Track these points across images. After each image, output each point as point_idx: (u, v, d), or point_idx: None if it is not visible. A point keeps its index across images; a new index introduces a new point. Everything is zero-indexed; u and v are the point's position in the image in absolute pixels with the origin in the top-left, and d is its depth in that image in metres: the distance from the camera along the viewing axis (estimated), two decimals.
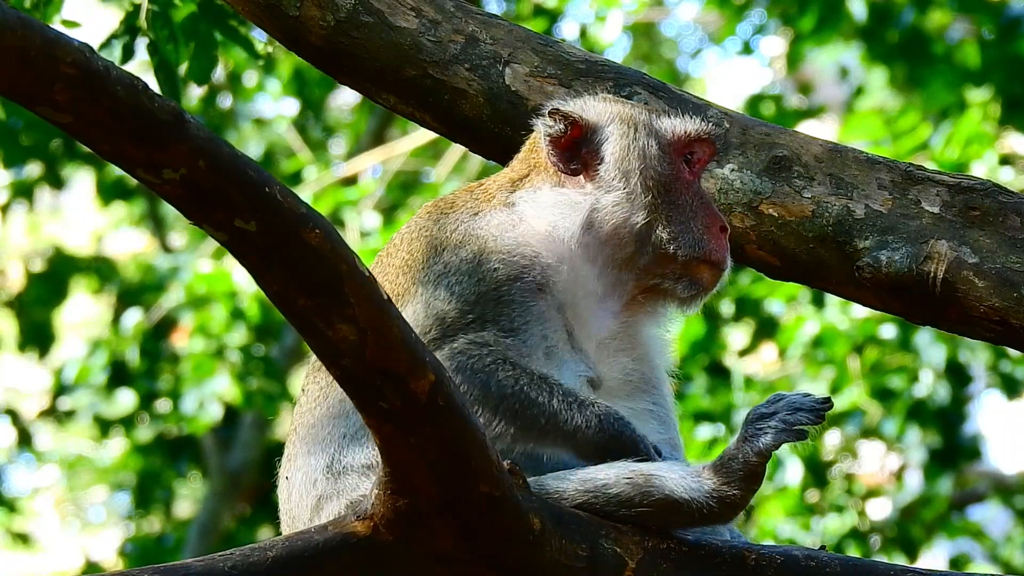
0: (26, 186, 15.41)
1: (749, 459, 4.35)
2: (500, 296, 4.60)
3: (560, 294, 4.67)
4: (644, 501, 4.39)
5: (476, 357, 4.49)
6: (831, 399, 4.39)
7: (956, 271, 4.94)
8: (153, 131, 3.73)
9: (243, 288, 13.41)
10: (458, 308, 4.59)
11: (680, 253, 4.75)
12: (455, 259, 4.66)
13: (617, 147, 4.79)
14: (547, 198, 4.77)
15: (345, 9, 5.20)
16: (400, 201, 16.17)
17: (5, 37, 3.57)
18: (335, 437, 4.57)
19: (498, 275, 4.62)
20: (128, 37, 5.83)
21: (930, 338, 12.43)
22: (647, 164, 4.79)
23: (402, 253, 4.76)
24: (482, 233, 4.69)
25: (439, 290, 4.61)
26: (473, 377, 4.46)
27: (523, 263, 4.65)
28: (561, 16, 14.02)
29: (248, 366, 13.42)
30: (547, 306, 4.64)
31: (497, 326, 4.56)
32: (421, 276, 4.66)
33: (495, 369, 4.48)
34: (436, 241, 4.71)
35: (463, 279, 4.62)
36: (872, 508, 13.99)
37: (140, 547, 16.74)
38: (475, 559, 4.27)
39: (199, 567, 4.19)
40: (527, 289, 4.62)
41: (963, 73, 13.78)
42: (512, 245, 4.67)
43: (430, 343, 4.48)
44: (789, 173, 5.13)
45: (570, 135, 4.79)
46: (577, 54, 5.28)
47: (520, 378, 4.49)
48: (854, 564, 4.49)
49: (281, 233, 3.86)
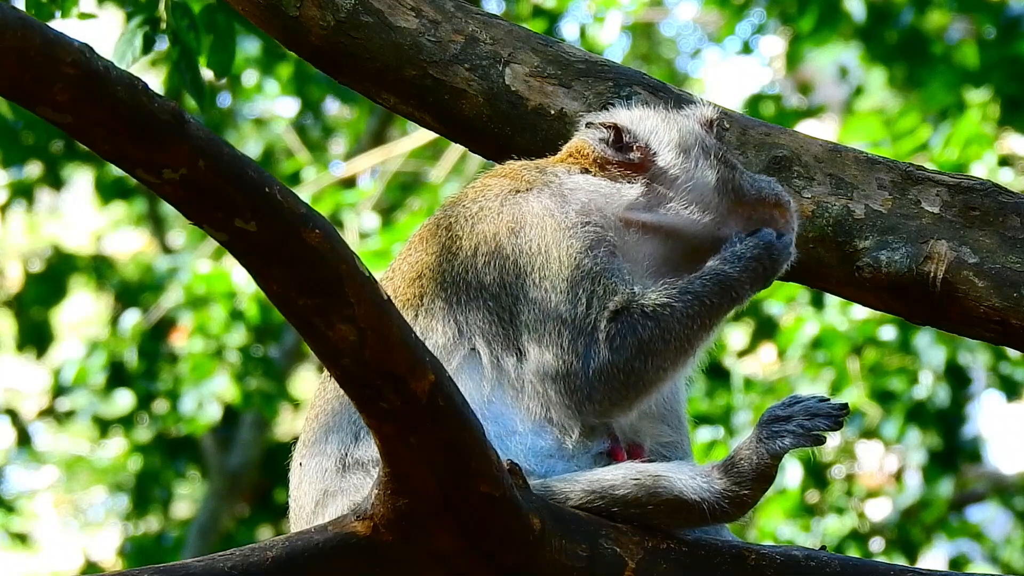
0: (25, 186, 15.41)
1: (763, 460, 4.35)
2: (594, 269, 4.58)
3: (625, 255, 4.69)
4: (652, 501, 4.39)
5: (655, 315, 4.52)
6: (848, 405, 4.39)
7: (956, 271, 4.94)
8: (153, 131, 3.73)
9: (242, 289, 13.41)
10: (571, 305, 4.58)
11: (763, 191, 4.80)
12: (526, 257, 4.64)
13: (665, 134, 4.84)
14: (583, 181, 4.79)
15: (345, 9, 5.20)
16: (399, 202, 16.17)
17: (5, 37, 3.57)
18: (352, 428, 4.57)
19: (573, 249, 4.60)
20: (148, 28, 5.83)
21: (930, 340, 12.42)
22: (700, 137, 4.87)
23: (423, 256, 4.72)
24: (538, 212, 4.67)
25: (531, 292, 4.60)
26: (656, 329, 4.51)
27: (595, 230, 4.66)
28: (560, 17, 14.02)
29: (247, 367, 13.42)
30: (626, 265, 4.66)
31: (624, 283, 4.57)
32: (496, 282, 4.64)
33: (679, 306, 4.54)
34: (488, 239, 4.68)
35: (550, 274, 4.61)
36: (872, 509, 13.99)
37: (137, 546, 16.73)
38: (475, 559, 4.27)
39: (199, 567, 4.19)
40: (608, 252, 4.63)
41: (962, 73, 13.77)
42: (576, 219, 4.67)
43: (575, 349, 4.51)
44: (789, 173, 5.13)
45: (613, 140, 4.84)
46: (577, 54, 5.28)
47: (675, 303, 4.53)
48: (854, 564, 4.49)
49: (281, 233, 3.86)
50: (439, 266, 4.68)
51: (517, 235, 4.64)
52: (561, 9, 13.82)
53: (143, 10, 5.84)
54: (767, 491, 4.41)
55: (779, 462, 4.35)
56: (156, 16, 5.82)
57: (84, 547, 20.04)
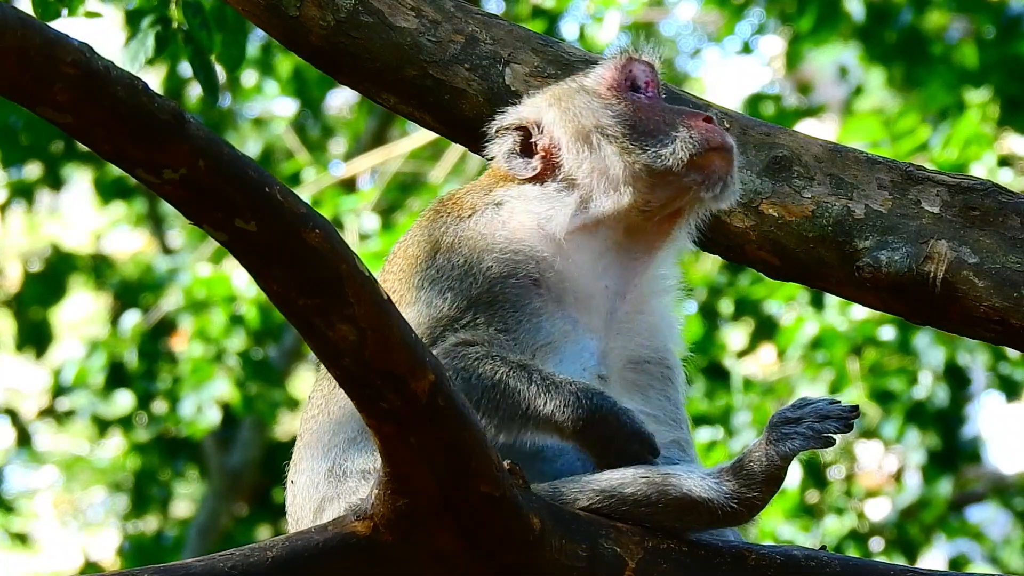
0: (25, 186, 15.40)
1: (773, 462, 4.34)
2: (494, 295, 4.60)
3: (557, 287, 4.66)
4: (662, 500, 4.38)
5: (461, 355, 4.48)
6: (858, 407, 4.38)
7: (956, 271, 4.94)
8: (153, 131, 3.73)
9: (242, 293, 13.41)
10: (453, 309, 4.58)
11: (675, 159, 4.65)
12: (447, 262, 4.66)
13: (564, 125, 4.77)
14: (531, 192, 4.76)
15: (345, 9, 5.20)
16: (399, 203, 16.17)
17: (5, 37, 3.57)
18: (337, 442, 4.58)
19: (491, 273, 4.61)
20: (160, 27, 5.82)
21: (929, 340, 12.42)
22: (596, 118, 4.76)
23: (399, 260, 4.78)
24: (471, 234, 4.69)
25: (434, 293, 4.61)
26: (455, 375, 4.44)
27: (516, 259, 4.64)
28: (560, 17, 14.01)
29: (247, 371, 13.42)
30: (544, 301, 4.63)
31: (491, 325, 4.55)
32: (417, 281, 4.66)
33: (477, 365, 4.46)
34: (429, 246, 4.71)
35: (456, 282, 4.62)
36: (871, 509, 13.99)
37: (136, 545, 16.72)
38: (475, 559, 4.27)
39: (199, 567, 4.19)
40: (521, 285, 4.61)
41: (962, 74, 13.77)
42: (503, 243, 4.66)
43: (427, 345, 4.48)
44: (789, 173, 5.12)
45: (521, 141, 4.79)
46: (577, 54, 5.27)
47: (499, 369, 4.46)
48: (854, 564, 4.49)
49: (281, 233, 3.86)
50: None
51: (450, 253, 4.67)
52: (560, 9, 13.81)
53: (154, 9, 5.82)
54: (775, 494, 4.40)
55: (789, 464, 4.34)
56: (167, 15, 5.81)
57: (84, 547, 20.03)
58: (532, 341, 4.59)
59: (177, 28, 5.80)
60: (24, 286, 16.21)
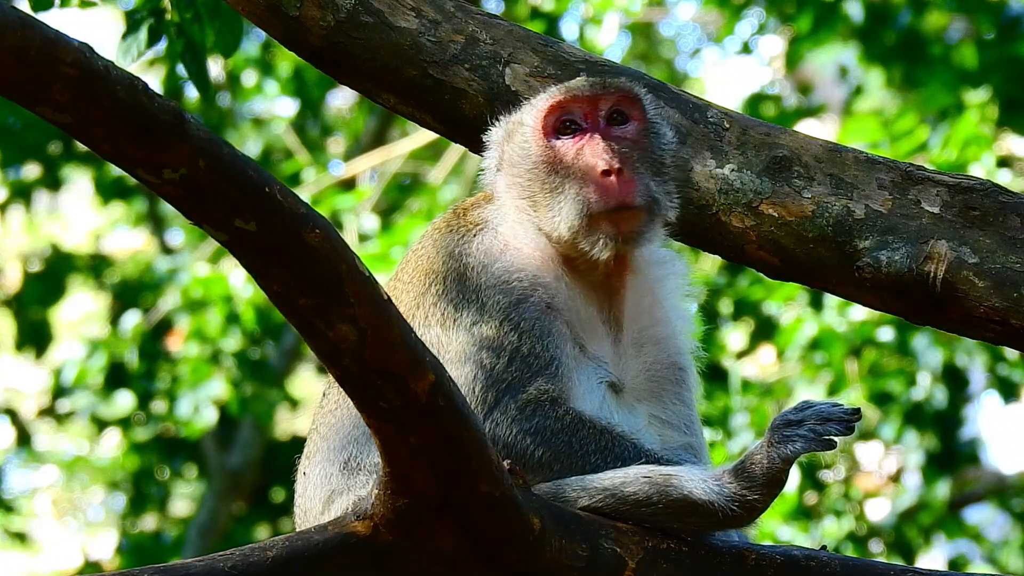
0: (24, 187, 15.40)
1: (774, 464, 4.34)
2: (521, 330, 4.58)
3: (564, 308, 4.66)
4: (663, 501, 4.38)
5: (552, 417, 4.51)
6: (860, 410, 4.38)
7: (956, 271, 4.94)
8: (153, 131, 3.73)
9: (239, 293, 13.40)
10: (493, 354, 4.57)
11: (565, 226, 4.67)
12: (470, 287, 4.66)
13: (509, 157, 4.79)
14: (513, 216, 4.77)
15: (345, 9, 5.20)
16: (398, 203, 16.16)
17: (5, 37, 3.57)
18: (357, 435, 4.58)
19: (503, 303, 4.60)
20: (153, 20, 5.81)
21: (928, 341, 12.42)
22: (519, 168, 4.78)
23: (411, 270, 4.78)
24: (472, 262, 4.68)
25: (460, 332, 4.60)
26: (554, 438, 4.48)
27: (524, 286, 4.65)
28: (559, 19, 14.02)
29: (243, 372, 13.42)
30: (560, 323, 4.64)
31: (537, 366, 4.53)
32: (442, 307, 4.65)
33: (574, 429, 4.51)
34: (444, 265, 4.70)
35: (482, 319, 4.61)
36: (870, 510, 13.99)
37: (135, 544, 16.71)
38: (475, 559, 4.27)
39: (199, 567, 4.19)
40: (537, 310, 4.62)
41: (961, 74, 13.76)
42: (504, 272, 4.67)
43: (486, 399, 4.51)
44: (789, 173, 5.12)
45: (499, 158, 4.83)
46: (577, 54, 5.28)
47: (589, 442, 4.50)
48: (854, 564, 4.49)
49: (281, 233, 3.86)
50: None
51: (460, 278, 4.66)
52: (559, 12, 13.81)
53: (148, 2, 5.81)
54: (777, 496, 4.40)
55: (790, 467, 4.34)
56: (160, 8, 5.80)
57: (83, 546, 20.03)
58: (567, 370, 4.59)
59: (169, 21, 5.79)
60: (24, 286, 16.21)
